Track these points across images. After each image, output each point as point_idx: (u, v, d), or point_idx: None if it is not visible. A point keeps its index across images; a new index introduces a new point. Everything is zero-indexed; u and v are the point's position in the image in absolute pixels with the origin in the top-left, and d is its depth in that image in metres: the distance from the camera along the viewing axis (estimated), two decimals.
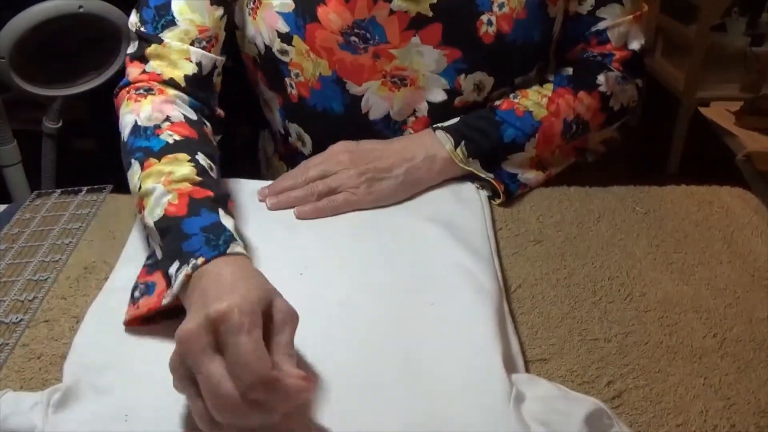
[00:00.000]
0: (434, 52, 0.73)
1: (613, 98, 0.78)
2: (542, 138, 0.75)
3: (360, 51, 0.73)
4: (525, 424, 0.44)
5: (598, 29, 0.78)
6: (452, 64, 0.73)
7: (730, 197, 0.75)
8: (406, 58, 0.73)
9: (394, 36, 0.72)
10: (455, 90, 0.75)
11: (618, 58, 0.79)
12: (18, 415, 0.46)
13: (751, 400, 0.49)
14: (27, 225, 0.72)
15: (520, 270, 0.63)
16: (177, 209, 0.55)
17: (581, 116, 0.77)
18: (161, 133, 0.63)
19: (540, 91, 0.76)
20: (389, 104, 0.76)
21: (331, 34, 0.72)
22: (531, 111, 0.74)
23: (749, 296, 0.60)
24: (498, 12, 0.71)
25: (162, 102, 0.66)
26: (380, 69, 0.74)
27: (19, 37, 1.17)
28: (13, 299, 0.60)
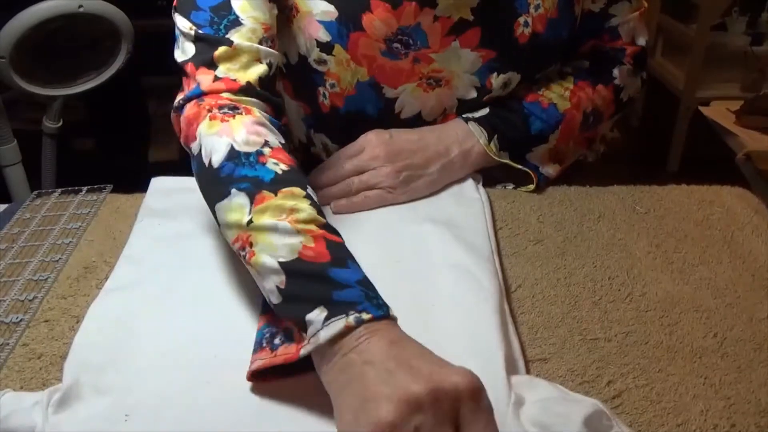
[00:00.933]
0: (471, 54, 0.74)
1: (624, 90, 0.82)
2: (564, 130, 0.78)
3: (401, 56, 0.72)
4: (524, 429, 0.44)
5: (610, 25, 0.81)
6: (486, 64, 0.74)
7: (731, 197, 0.75)
8: (445, 61, 0.73)
9: (435, 41, 0.72)
10: (485, 88, 0.76)
11: (629, 53, 0.82)
12: (18, 415, 0.46)
13: (751, 400, 0.49)
14: (27, 225, 0.72)
15: (520, 270, 0.63)
16: (316, 254, 0.49)
17: (598, 108, 0.80)
18: (266, 161, 0.55)
19: (562, 84, 0.79)
20: (421, 104, 0.76)
21: (374, 42, 0.71)
22: (555, 103, 0.77)
23: (749, 296, 0.60)
24: (534, 13, 0.73)
25: (254, 123, 0.59)
26: (418, 72, 0.74)
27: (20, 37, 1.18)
28: (13, 299, 0.60)
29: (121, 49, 1.33)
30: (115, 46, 1.33)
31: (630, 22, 0.81)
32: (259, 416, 0.47)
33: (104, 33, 1.30)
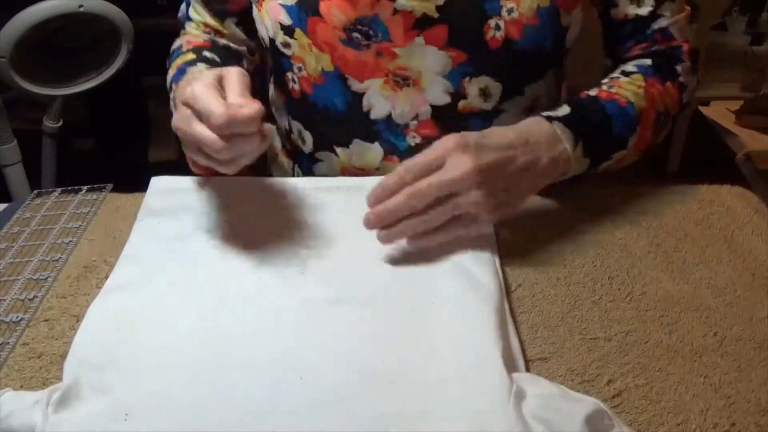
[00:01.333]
0: (439, 53, 0.71)
1: (686, 90, 0.77)
2: (641, 133, 0.71)
3: (362, 47, 0.72)
4: (525, 421, 0.44)
5: (661, 26, 0.76)
6: (458, 67, 0.72)
7: (731, 196, 0.75)
8: (410, 57, 0.72)
9: (398, 35, 0.71)
10: (459, 93, 0.74)
11: (686, 50, 0.78)
12: (18, 414, 0.46)
13: (751, 399, 0.49)
14: (27, 224, 0.72)
15: (520, 269, 0.63)
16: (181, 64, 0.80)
17: (668, 108, 0.74)
18: (182, 48, 0.83)
19: (632, 82, 0.72)
20: (391, 105, 0.75)
21: (333, 29, 0.72)
22: (632, 102, 0.70)
23: (749, 295, 0.60)
24: (507, 17, 0.70)
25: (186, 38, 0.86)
26: (383, 67, 0.73)
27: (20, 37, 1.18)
28: (13, 298, 0.60)
29: (121, 49, 1.34)
30: (115, 46, 1.34)
31: (679, 21, 0.77)
32: (259, 416, 0.47)
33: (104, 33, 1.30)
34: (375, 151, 0.78)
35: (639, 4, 0.76)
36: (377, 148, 0.78)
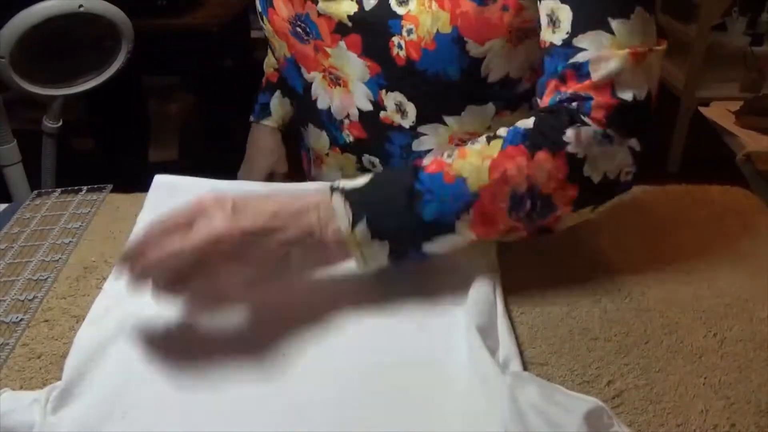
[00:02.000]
0: (358, 61, 0.72)
1: (589, 164, 0.56)
2: (479, 217, 0.55)
3: (305, 41, 0.75)
4: (522, 412, 0.44)
5: (576, 61, 0.57)
6: (374, 78, 0.72)
7: (731, 197, 0.75)
8: (338, 59, 0.74)
9: (326, 36, 0.73)
10: (378, 104, 0.74)
11: (600, 105, 0.56)
12: (17, 413, 0.46)
13: (751, 400, 0.49)
14: (27, 224, 0.72)
15: (519, 270, 0.63)
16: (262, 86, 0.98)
17: (538, 187, 0.55)
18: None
19: (483, 151, 0.56)
20: (329, 99, 0.78)
21: (282, 21, 0.75)
22: (465, 178, 0.54)
23: (749, 296, 0.60)
24: (407, 37, 0.67)
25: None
26: (321, 63, 0.76)
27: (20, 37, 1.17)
28: (13, 299, 0.60)
29: (122, 49, 1.33)
30: (116, 46, 1.33)
31: (610, 60, 0.55)
32: (258, 415, 0.47)
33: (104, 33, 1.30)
34: (323, 138, 0.82)
35: (555, 29, 0.59)
36: (325, 136, 0.81)
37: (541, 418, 0.44)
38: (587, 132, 0.56)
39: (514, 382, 0.46)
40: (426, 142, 0.74)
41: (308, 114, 0.81)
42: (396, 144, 0.75)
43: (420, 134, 0.73)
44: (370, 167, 0.79)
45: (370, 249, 0.55)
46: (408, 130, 0.73)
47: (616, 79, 0.56)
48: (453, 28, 0.64)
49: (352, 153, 0.79)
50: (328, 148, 0.82)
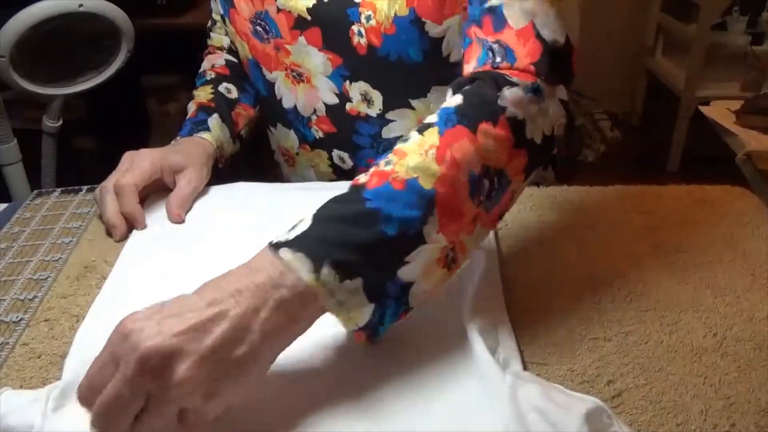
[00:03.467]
0: (319, 54, 0.72)
1: (529, 125, 0.52)
2: (443, 213, 0.48)
3: (265, 41, 0.75)
4: (522, 412, 0.44)
5: (491, 5, 0.55)
6: (337, 70, 0.73)
7: (731, 196, 0.75)
8: (299, 55, 0.74)
9: (285, 33, 0.73)
10: (344, 95, 0.74)
11: (524, 54, 0.53)
12: (16, 413, 0.46)
13: (751, 400, 0.49)
14: (27, 224, 0.72)
15: (519, 270, 0.63)
16: (191, 115, 0.81)
17: (492, 162, 0.51)
18: (206, 74, 0.88)
19: (422, 141, 0.49)
20: (294, 97, 0.78)
21: (244, 20, 0.76)
22: (415, 177, 0.47)
23: (749, 295, 0.60)
24: (366, 24, 0.67)
25: (213, 57, 0.91)
26: (282, 61, 0.76)
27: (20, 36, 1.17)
28: (13, 298, 0.60)
29: (122, 49, 1.33)
30: (116, 46, 1.33)
31: (525, 2, 0.53)
32: (258, 414, 0.47)
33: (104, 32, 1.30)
34: (292, 137, 0.83)
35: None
36: (293, 135, 0.82)
37: (542, 418, 0.44)
38: (517, 92, 0.52)
39: (515, 382, 0.47)
40: (395, 128, 0.75)
41: (275, 114, 0.82)
42: (365, 134, 0.76)
43: (388, 121, 0.74)
44: (340, 163, 0.80)
45: (344, 293, 0.44)
46: (375, 118, 0.74)
47: (534, 22, 0.53)
48: (410, 9, 0.66)
49: (322, 149, 0.80)
50: (298, 147, 0.82)
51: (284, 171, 0.89)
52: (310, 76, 0.74)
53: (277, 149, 0.88)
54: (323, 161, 0.81)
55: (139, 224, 0.68)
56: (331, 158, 0.80)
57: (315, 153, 0.81)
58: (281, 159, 0.88)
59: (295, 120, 0.80)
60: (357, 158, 0.78)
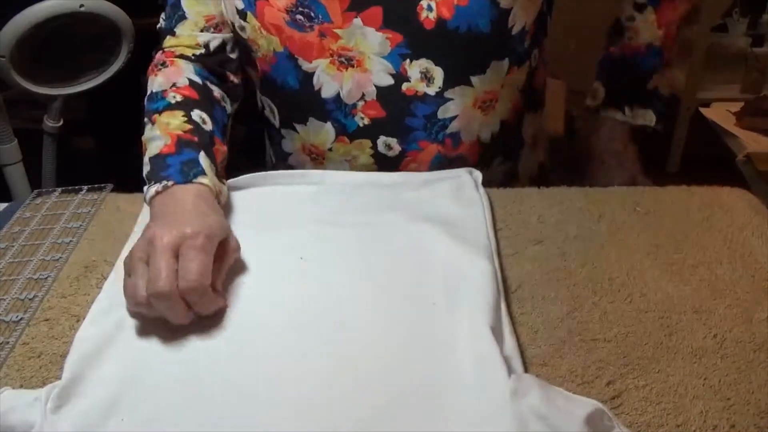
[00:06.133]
0: (377, 34, 0.72)
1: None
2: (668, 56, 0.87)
3: (306, 29, 0.73)
4: (523, 418, 0.44)
5: None
6: (396, 49, 0.72)
7: (731, 198, 0.75)
8: (351, 38, 0.73)
9: (337, 16, 0.72)
10: (401, 75, 0.74)
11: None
12: (17, 412, 0.46)
13: (751, 401, 0.49)
14: (27, 224, 0.72)
15: (520, 270, 0.63)
16: (168, 149, 0.67)
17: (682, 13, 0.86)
18: (167, 95, 0.73)
19: (645, 18, 0.83)
20: (339, 84, 0.76)
21: (278, 12, 0.73)
22: (650, 43, 0.84)
23: (749, 297, 0.60)
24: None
25: (171, 72, 0.76)
26: (327, 48, 0.74)
27: (20, 36, 1.17)
28: (13, 298, 0.60)
29: (122, 49, 1.33)
30: (116, 46, 1.33)
31: None
32: (256, 414, 0.47)
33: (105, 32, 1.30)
34: (327, 131, 0.79)
35: None
36: (329, 127, 0.79)
37: (542, 423, 0.44)
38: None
39: (516, 385, 0.46)
40: (451, 107, 0.76)
41: (305, 109, 0.79)
42: (419, 116, 0.76)
43: (446, 99, 0.75)
44: (386, 151, 0.78)
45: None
46: (434, 97, 0.74)
47: None
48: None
49: (366, 138, 0.78)
50: (333, 141, 0.80)
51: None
52: (362, 59, 0.73)
53: (298, 150, 0.83)
54: (364, 152, 0.79)
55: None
56: (374, 147, 0.78)
57: (355, 144, 0.78)
58: (305, 159, 0.84)
59: (335, 110, 0.77)
60: (407, 142, 0.77)
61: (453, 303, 0.56)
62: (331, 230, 0.67)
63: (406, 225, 0.67)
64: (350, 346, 0.53)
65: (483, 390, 0.47)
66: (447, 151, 0.79)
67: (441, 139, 0.78)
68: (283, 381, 0.49)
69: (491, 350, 0.50)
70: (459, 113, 0.76)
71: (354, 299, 0.57)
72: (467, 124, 0.78)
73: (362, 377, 0.50)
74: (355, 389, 0.49)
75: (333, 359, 0.51)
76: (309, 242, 0.65)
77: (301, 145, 0.83)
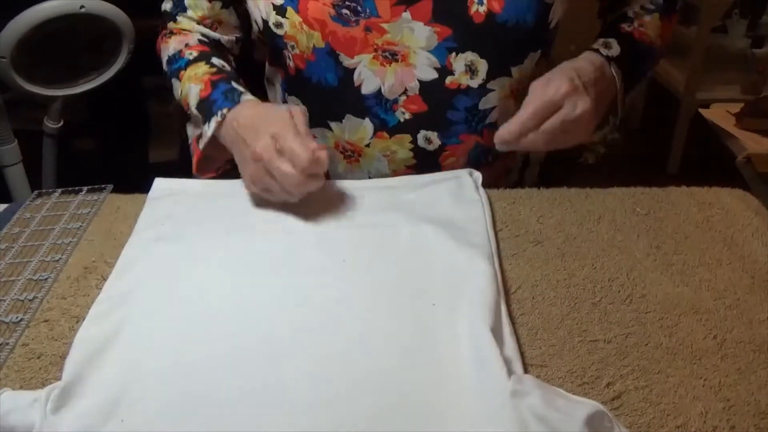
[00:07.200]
0: (425, 28, 0.73)
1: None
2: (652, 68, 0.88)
3: (352, 24, 0.74)
4: (523, 419, 0.44)
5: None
6: (443, 42, 0.74)
7: (731, 199, 0.75)
8: (398, 33, 0.74)
9: (385, 10, 0.73)
10: (446, 69, 0.75)
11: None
12: (17, 413, 0.46)
13: (750, 402, 0.49)
14: (27, 224, 0.72)
15: (520, 271, 0.63)
16: (205, 92, 0.77)
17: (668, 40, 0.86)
18: (183, 55, 0.82)
19: (653, 20, 0.83)
20: (381, 79, 0.77)
21: (323, 6, 0.74)
22: (654, 43, 0.83)
23: (749, 298, 0.60)
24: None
25: (180, 38, 0.85)
26: (372, 42, 0.75)
27: (21, 37, 1.18)
28: (13, 299, 0.60)
29: (122, 50, 1.34)
30: (116, 47, 1.33)
31: None
32: (256, 415, 0.47)
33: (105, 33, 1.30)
34: (366, 127, 0.80)
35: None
36: (368, 123, 0.79)
37: (542, 424, 0.44)
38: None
39: (516, 386, 0.46)
40: (492, 98, 0.78)
41: (345, 104, 0.79)
42: (461, 109, 0.78)
43: (488, 91, 0.77)
44: (425, 145, 0.79)
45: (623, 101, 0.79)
46: (476, 89, 0.77)
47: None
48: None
49: (406, 132, 0.79)
50: (371, 137, 0.80)
51: (338, 171, 0.85)
52: (408, 54, 0.75)
53: (330, 149, 0.83)
54: (403, 147, 0.80)
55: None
56: (414, 141, 0.79)
57: (395, 139, 0.79)
58: (338, 158, 0.83)
59: (375, 105, 0.78)
60: (447, 136, 0.79)
61: (453, 304, 0.56)
62: (332, 231, 0.67)
63: (407, 226, 0.67)
64: (350, 347, 0.53)
65: (483, 391, 0.47)
66: (486, 141, 0.80)
67: (479, 130, 0.80)
68: (283, 381, 0.49)
69: (491, 351, 0.50)
70: (497, 103, 0.79)
71: (354, 300, 0.57)
72: (505, 112, 0.79)
73: (363, 378, 0.50)
74: (356, 390, 0.49)
75: (333, 360, 0.51)
76: (310, 243, 0.65)
77: (335, 143, 0.82)
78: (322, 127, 0.82)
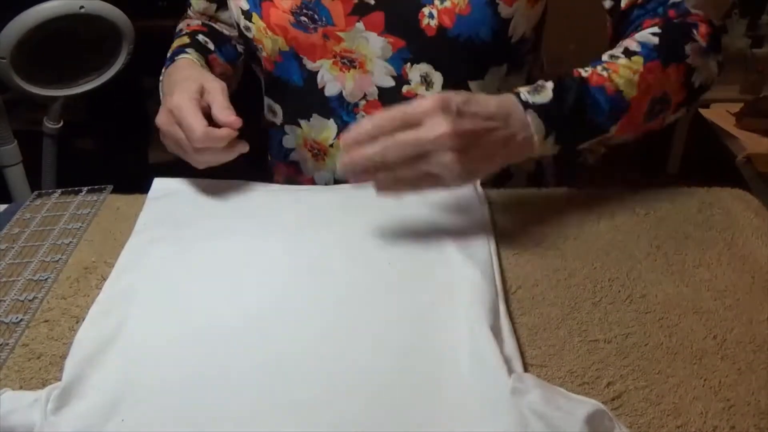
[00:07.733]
0: (379, 39, 0.73)
1: (697, 73, 0.69)
2: (627, 122, 0.67)
3: (310, 30, 0.75)
4: (524, 417, 0.44)
5: (674, 1, 0.73)
6: (397, 53, 0.74)
7: (731, 199, 0.75)
8: (353, 41, 0.74)
9: (340, 19, 0.73)
10: (402, 78, 0.75)
11: (703, 30, 0.71)
12: (17, 414, 0.46)
13: (751, 402, 0.49)
14: (27, 225, 0.72)
15: (520, 271, 0.63)
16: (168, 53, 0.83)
17: (667, 94, 0.68)
18: (182, 32, 0.89)
19: (630, 65, 0.66)
20: (341, 84, 0.78)
21: (283, 13, 0.75)
22: (622, 90, 0.65)
23: (749, 298, 0.60)
24: (439, 5, 0.71)
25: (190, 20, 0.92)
26: (330, 49, 0.76)
27: (21, 37, 1.18)
28: (13, 299, 0.60)
29: (122, 50, 1.34)
30: (116, 47, 1.34)
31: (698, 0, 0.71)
32: (255, 416, 0.47)
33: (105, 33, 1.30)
34: (330, 127, 0.81)
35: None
36: (332, 124, 0.81)
37: (543, 423, 0.44)
38: (697, 47, 0.69)
39: (516, 384, 0.46)
40: None
41: (309, 105, 0.81)
42: None
43: None
44: None
45: (549, 149, 0.65)
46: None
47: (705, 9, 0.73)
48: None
49: None
50: (335, 137, 0.81)
51: (307, 167, 0.87)
52: (364, 61, 0.75)
53: (301, 146, 0.86)
54: None
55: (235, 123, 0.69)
56: None
57: None
58: (306, 155, 0.85)
59: (338, 107, 0.79)
60: None
61: (452, 303, 0.56)
62: (329, 232, 0.67)
63: (405, 226, 0.67)
64: (349, 347, 0.53)
65: (483, 389, 0.47)
66: None
67: None
68: (283, 381, 0.49)
69: (491, 349, 0.50)
70: None
71: (353, 300, 0.57)
72: None
73: (362, 378, 0.50)
74: (355, 390, 0.49)
75: (332, 360, 0.51)
76: (307, 244, 0.65)
77: (304, 140, 0.85)
78: (293, 125, 0.84)
